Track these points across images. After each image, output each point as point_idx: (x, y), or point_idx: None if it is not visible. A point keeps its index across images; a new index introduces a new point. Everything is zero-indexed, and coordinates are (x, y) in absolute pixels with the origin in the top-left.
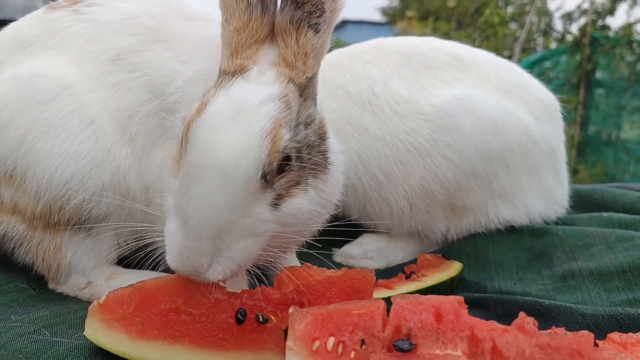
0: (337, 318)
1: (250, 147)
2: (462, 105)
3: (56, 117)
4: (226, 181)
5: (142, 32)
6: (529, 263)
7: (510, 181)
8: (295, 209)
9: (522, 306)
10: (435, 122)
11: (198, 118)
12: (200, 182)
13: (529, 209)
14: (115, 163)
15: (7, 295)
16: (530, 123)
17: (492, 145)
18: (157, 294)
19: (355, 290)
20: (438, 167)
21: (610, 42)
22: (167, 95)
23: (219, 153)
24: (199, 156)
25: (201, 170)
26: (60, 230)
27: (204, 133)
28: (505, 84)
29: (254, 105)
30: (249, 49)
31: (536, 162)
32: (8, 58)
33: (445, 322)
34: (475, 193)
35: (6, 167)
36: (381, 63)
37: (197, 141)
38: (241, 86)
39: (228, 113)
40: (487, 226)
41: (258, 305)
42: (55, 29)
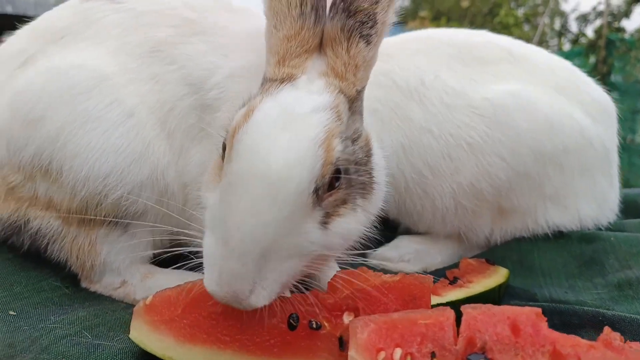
0: (403, 328)
1: (305, 156)
2: (517, 101)
3: (94, 109)
4: (275, 194)
5: (180, 23)
6: (579, 270)
7: (563, 183)
8: (344, 229)
9: (582, 317)
10: (489, 117)
11: (245, 124)
12: (246, 194)
13: (580, 213)
14: (154, 158)
15: (42, 294)
16: (586, 123)
17: (546, 145)
18: (206, 296)
19: (412, 296)
20: (491, 166)
21: (626, 45)
22: (205, 90)
23: (269, 161)
24: (246, 164)
25: (247, 181)
26: (96, 227)
27: (252, 140)
28: (560, 81)
29: (306, 113)
30: (297, 58)
31: (590, 164)
32: (43, 48)
33: (524, 335)
34: (525, 195)
35: (42, 161)
36: (430, 53)
37: (244, 148)
38: (290, 93)
39: (278, 119)
40: (534, 230)
41: (311, 310)
42: (92, 19)
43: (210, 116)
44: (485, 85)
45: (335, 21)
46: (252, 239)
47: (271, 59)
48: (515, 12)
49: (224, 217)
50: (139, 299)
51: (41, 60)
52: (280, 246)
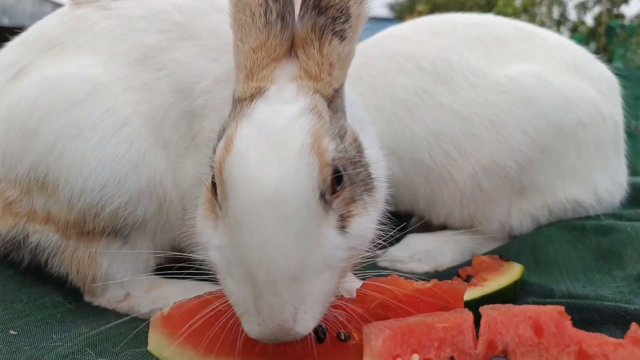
0: (419, 332)
1: (298, 167)
2: (537, 78)
3: (88, 119)
4: (284, 214)
5: (171, 28)
6: (596, 263)
7: (580, 158)
8: (361, 229)
9: (603, 313)
10: (512, 94)
11: (229, 157)
12: (255, 227)
13: (597, 188)
14: (151, 167)
15: (44, 311)
16: (597, 98)
17: (564, 118)
18: (227, 307)
19: (445, 302)
20: (514, 140)
21: (626, 31)
22: (194, 97)
23: (265, 184)
24: (245, 197)
25: (252, 213)
26: (95, 239)
27: (241, 171)
28: (571, 58)
29: (285, 124)
30: (265, 69)
31: (603, 139)
32: (35, 59)
33: (547, 335)
34: (545, 170)
35: (38, 174)
36: (450, 34)
37: (237, 182)
38: (263, 108)
39: (260, 141)
40: (554, 208)
41: (339, 321)
42: (82, 27)
43: (198, 125)
44: (506, 64)
45: (305, 20)
46: (278, 267)
47: (240, 75)
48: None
49: (240, 257)
50: (144, 312)
51: (34, 72)
52: (307, 263)
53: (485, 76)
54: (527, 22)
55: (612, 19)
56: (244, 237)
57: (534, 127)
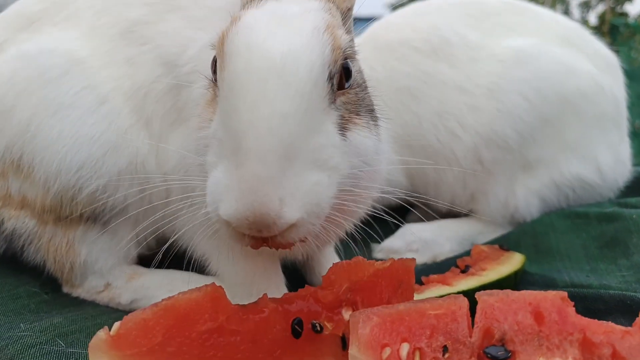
0: (410, 320)
1: (310, 40)
2: (536, 47)
3: (65, 97)
4: (288, 81)
5: (155, 1)
6: (600, 252)
7: (581, 131)
8: (361, 142)
9: (608, 302)
10: (510, 60)
11: (232, 28)
12: (252, 89)
13: (599, 163)
14: (133, 148)
15: (17, 301)
16: (594, 70)
17: (565, 85)
18: (192, 312)
19: (400, 282)
20: (514, 106)
21: (630, 29)
22: (180, 66)
23: (270, 50)
24: (242, 59)
25: (251, 76)
26: (73, 225)
27: (244, 37)
28: (566, 32)
29: (299, 11)
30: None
31: (603, 112)
32: (13, 36)
33: (548, 323)
34: (548, 143)
35: (13, 155)
36: (441, 13)
37: (237, 47)
38: (276, 3)
39: (271, 19)
40: (560, 185)
41: (313, 310)
42: (63, 2)
43: (185, 95)
44: (501, 37)
45: None
46: (271, 132)
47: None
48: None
49: (230, 126)
50: (125, 303)
51: (11, 48)
52: (303, 147)
53: (483, 49)
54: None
55: (615, 17)
56: (237, 101)
57: (534, 91)
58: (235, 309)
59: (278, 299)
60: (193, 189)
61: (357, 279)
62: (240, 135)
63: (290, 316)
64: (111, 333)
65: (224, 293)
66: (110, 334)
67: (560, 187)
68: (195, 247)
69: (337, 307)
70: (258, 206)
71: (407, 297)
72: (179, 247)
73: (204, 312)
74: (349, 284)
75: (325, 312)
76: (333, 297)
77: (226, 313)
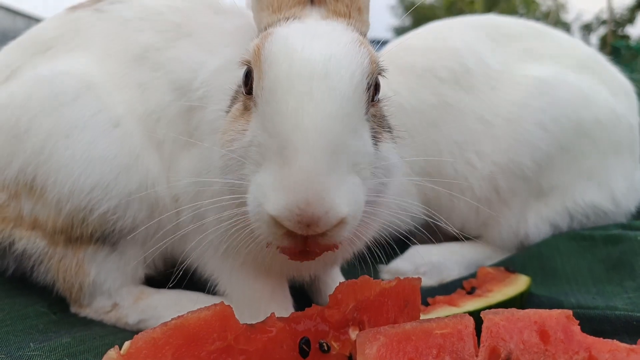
0: (417, 339)
1: (350, 49)
2: (554, 75)
3: (79, 119)
4: (333, 84)
5: (166, 28)
6: (606, 274)
7: (597, 159)
8: (388, 153)
9: (614, 323)
10: (530, 90)
11: (267, 41)
12: (296, 93)
13: (613, 190)
14: (144, 170)
15: (26, 321)
16: (611, 98)
17: (583, 115)
18: (201, 332)
19: (406, 301)
20: (531, 135)
21: (632, 51)
22: (192, 91)
23: (313, 56)
24: (286, 66)
25: (294, 80)
26: (83, 246)
27: (282, 45)
28: (584, 58)
29: (330, 29)
30: (294, 7)
31: (619, 140)
32: (28, 61)
33: (554, 341)
34: (564, 171)
35: (26, 177)
36: (460, 36)
37: (277, 54)
38: (301, 24)
39: (304, 32)
40: (574, 213)
41: (320, 329)
42: (77, 29)
43: (197, 117)
44: (520, 61)
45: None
46: (318, 131)
47: (264, 12)
48: None
49: (273, 129)
50: (132, 323)
51: (26, 73)
52: (346, 148)
53: (503, 76)
54: None
55: (617, 40)
56: (278, 105)
57: (552, 121)
58: (244, 329)
59: (285, 319)
60: (205, 211)
61: (364, 298)
62: (286, 135)
63: (298, 335)
64: (122, 352)
65: (232, 312)
66: (120, 353)
67: (572, 215)
68: (204, 267)
69: (344, 326)
70: (310, 199)
71: (414, 317)
72: (187, 267)
73: (212, 331)
74: (355, 303)
75: (332, 331)
76: (340, 316)
77: (235, 332)
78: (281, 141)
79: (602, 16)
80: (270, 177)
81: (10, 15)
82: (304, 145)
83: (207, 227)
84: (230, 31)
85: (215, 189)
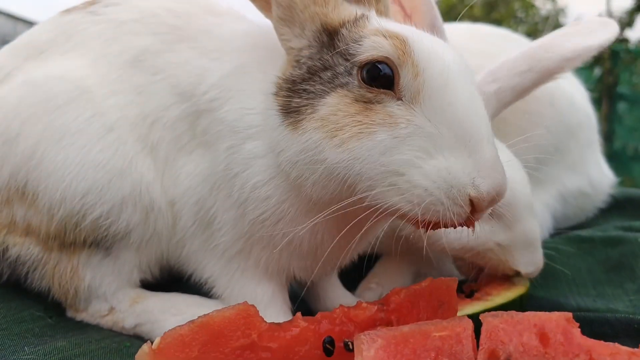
0: (415, 342)
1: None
2: (557, 84)
3: (72, 124)
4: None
5: (163, 30)
6: (606, 276)
7: (578, 154)
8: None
9: (615, 325)
10: (542, 99)
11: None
12: (459, 84)
13: (590, 177)
14: (137, 174)
15: (22, 325)
16: (584, 102)
17: (572, 120)
18: (226, 329)
19: (440, 302)
20: (539, 138)
21: (631, 55)
22: (198, 96)
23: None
24: (441, 62)
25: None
26: (77, 251)
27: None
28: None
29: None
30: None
31: (592, 137)
32: (21, 65)
33: (554, 344)
34: (555, 165)
35: (18, 183)
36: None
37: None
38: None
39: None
40: (565, 196)
41: (345, 329)
42: (71, 32)
43: (207, 119)
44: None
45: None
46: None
47: (317, 7)
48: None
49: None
50: (129, 327)
51: (18, 76)
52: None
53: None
54: None
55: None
56: (453, 96)
57: (554, 126)
58: (268, 327)
59: (310, 318)
60: (214, 213)
61: (393, 299)
62: (469, 124)
63: (322, 334)
64: (153, 347)
65: (256, 311)
66: (152, 348)
67: (566, 198)
68: (203, 270)
69: (371, 326)
70: (501, 182)
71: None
72: (182, 272)
73: (236, 329)
74: (381, 303)
75: (357, 331)
76: (366, 316)
77: (258, 330)
78: (464, 132)
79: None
80: (459, 163)
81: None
82: (485, 135)
83: (216, 228)
84: (230, 38)
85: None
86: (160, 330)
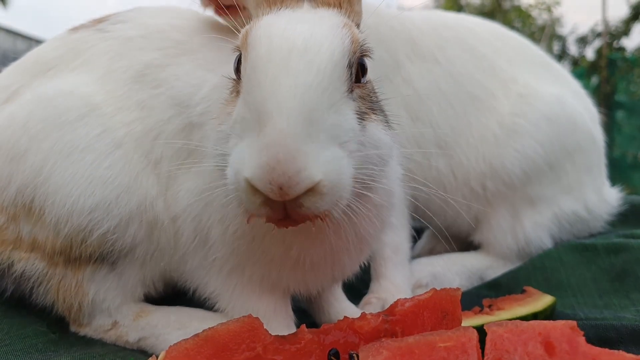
0: (420, 353)
1: (330, 31)
2: (560, 101)
3: (80, 140)
4: (311, 58)
5: (168, 45)
6: (611, 285)
7: (575, 177)
8: (377, 134)
9: (620, 331)
10: (541, 109)
11: (256, 25)
12: (274, 66)
13: (587, 202)
14: (143, 190)
15: (25, 340)
16: (591, 125)
17: (569, 140)
18: (231, 342)
19: (444, 312)
20: (531, 151)
21: (628, 63)
22: (192, 107)
23: (293, 35)
24: (267, 44)
25: (273, 55)
26: (82, 266)
27: (266, 29)
28: (575, 88)
29: (315, 15)
30: (287, 0)
31: (592, 162)
32: (29, 81)
33: (559, 353)
34: (549, 185)
35: (24, 199)
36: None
37: (260, 38)
38: (291, 12)
39: (290, 17)
40: (561, 219)
41: (350, 341)
42: (79, 49)
43: (198, 134)
44: (539, 82)
45: None
46: (295, 98)
47: (259, 8)
48: None
49: (252, 100)
50: (132, 341)
51: (27, 93)
52: (324, 119)
53: (530, 88)
54: None
55: (613, 52)
56: (257, 77)
57: (549, 143)
58: (273, 339)
59: (315, 330)
60: (209, 230)
61: (397, 310)
62: (263, 103)
63: (327, 347)
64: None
65: (261, 324)
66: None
67: (561, 221)
68: (205, 286)
69: (376, 338)
70: (281, 157)
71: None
72: (185, 287)
73: (241, 342)
74: (386, 314)
75: (362, 342)
76: (370, 327)
77: (263, 343)
78: (258, 110)
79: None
80: (248, 145)
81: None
82: (279, 110)
83: (212, 244)
84: (229, 49)
85: (221, 202)
86: (164, 344)
